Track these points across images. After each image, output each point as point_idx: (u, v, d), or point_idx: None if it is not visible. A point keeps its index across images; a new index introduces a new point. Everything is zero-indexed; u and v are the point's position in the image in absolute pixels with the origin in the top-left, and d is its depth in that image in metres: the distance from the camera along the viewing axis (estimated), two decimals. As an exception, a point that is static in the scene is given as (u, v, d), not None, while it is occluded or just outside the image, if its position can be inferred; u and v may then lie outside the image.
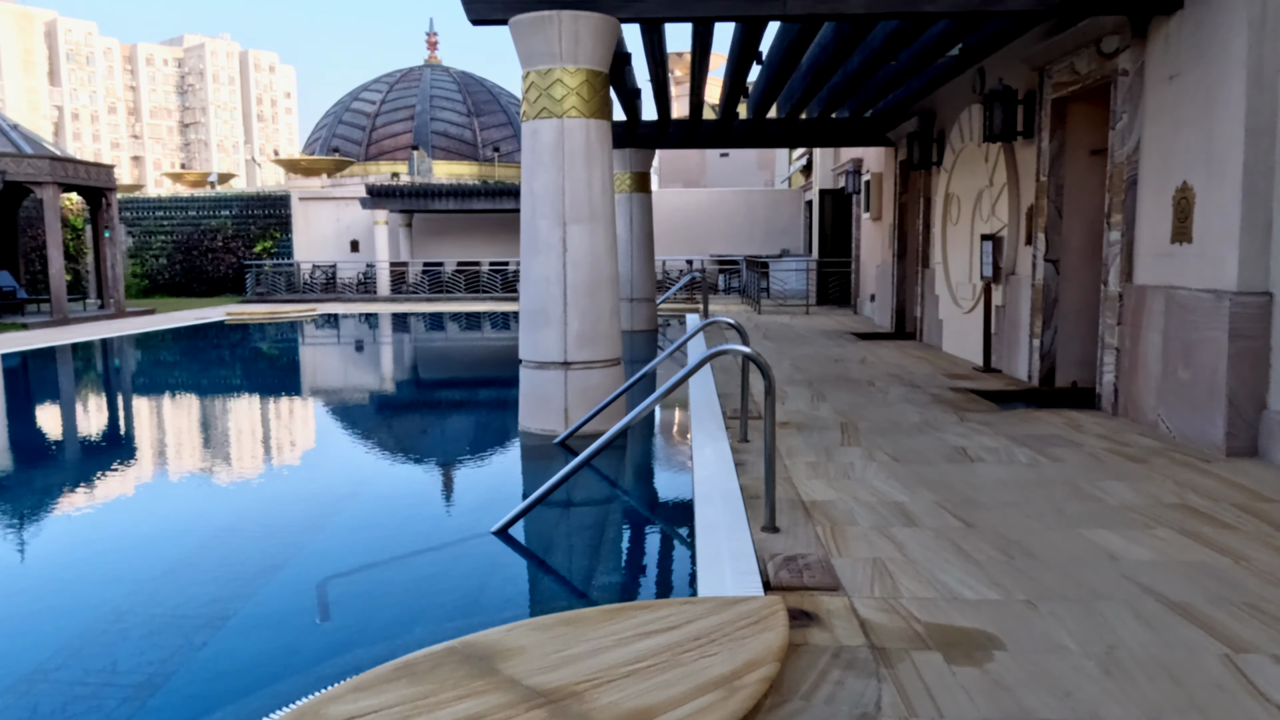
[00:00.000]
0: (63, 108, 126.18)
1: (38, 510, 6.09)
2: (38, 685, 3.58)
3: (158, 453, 7.86)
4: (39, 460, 7.75)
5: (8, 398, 11.36)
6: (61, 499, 6.37)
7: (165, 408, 10.38)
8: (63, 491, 6.58)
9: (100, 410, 10.37)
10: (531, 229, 7.18)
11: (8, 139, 19.19)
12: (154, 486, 6.66)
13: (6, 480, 6.99)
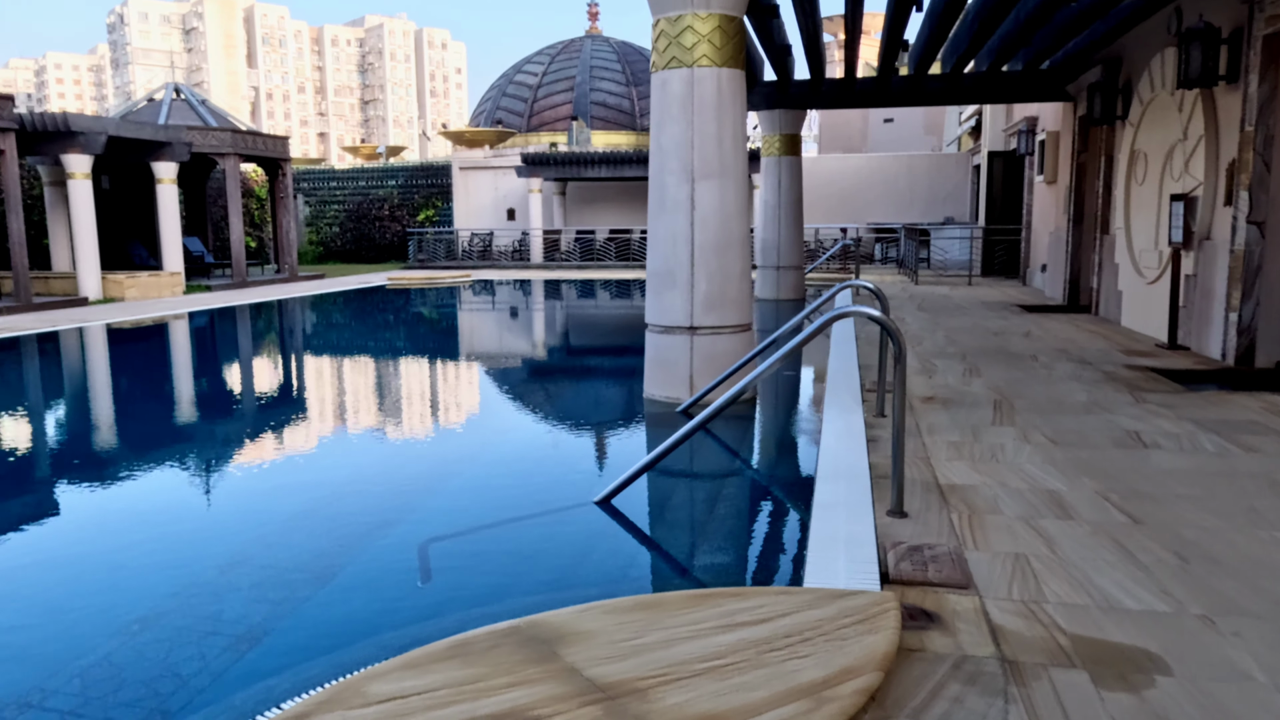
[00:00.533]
0: (259, 88, 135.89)
1: (182, 455, 6.33)
2: (148, 628, 3.59)
3: (303, 406, 8.09)
4: (196, 409, 8.15)
5: (188, 350, 12.16)
6: (203, 446, 6.61)
7: (319, 365, 10.76)
8: (206, 439, 6.84)
9: (261, 365, 10.88)
10: (659, 186, 6.84)
11: (196, 113, 20.57)
12: (292, 437, 6.81)
13: (166, 425, 7.35)
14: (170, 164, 18.46)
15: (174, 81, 21.43)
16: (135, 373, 10.64)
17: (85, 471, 6.04)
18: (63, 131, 16.08)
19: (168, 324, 14.17)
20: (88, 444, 6.95)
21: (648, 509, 4.59)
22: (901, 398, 4.08)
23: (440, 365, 10.63)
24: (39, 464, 6.33)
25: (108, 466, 6.18)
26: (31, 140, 16.33)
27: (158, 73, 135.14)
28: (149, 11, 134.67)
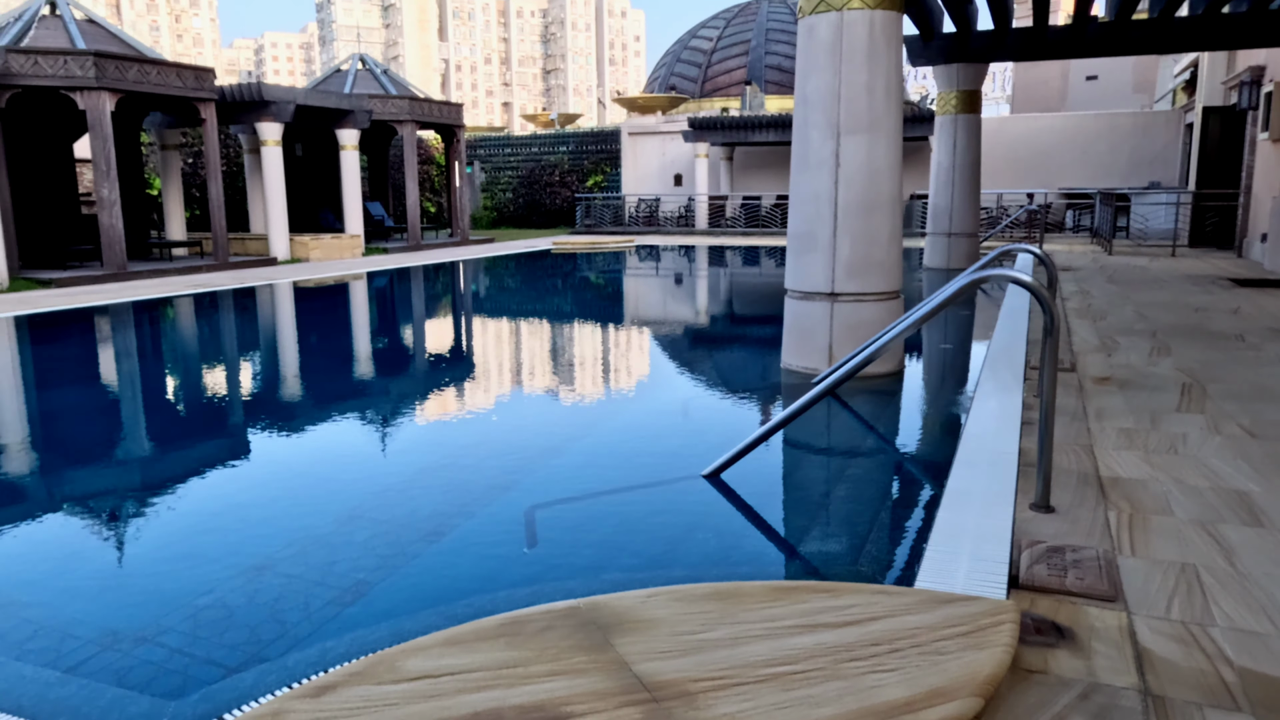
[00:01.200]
0: (449, 60, 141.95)
1: (328, 405, 6.55)
2: (262, 575, 3.65)
3: (451, 364, 8.24)
4: (353, 363, 8.46)
5: (357, 308, 12.77)
6: (349, 397, 6.81)
7: (473, 325, 10.99)
8: (353, 390, 7.05)
9: (420, 324, 11.24)
10: (802, 141, 6.38)
11: (378, 83, 21.51)
12: (433, 393, 6.91)
13: (313, 380, 7.65)
14: (352, 131, 19.41)
15: (359, 53, 22.48)
16: (307, 328, 11.23)
17: (249, 415, 6.34)
18: (257, 101, 17.19)
19: (345, 284, 14.94)
20: (250, 389, 7.33)
21: (758, 486, 4.26)
22: (1051, 375, 3.55)
23: (586, 329, 10.59)
24: (213, 409, 6.71)
25: (264, 413, 6.46)
26: (231, 110, 17.56)
27: (359, 48, 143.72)
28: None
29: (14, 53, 13.34)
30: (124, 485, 4.83)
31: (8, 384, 7.84)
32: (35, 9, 15.10)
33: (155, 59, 15.07)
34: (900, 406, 6.10)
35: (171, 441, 5.83)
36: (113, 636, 3.06)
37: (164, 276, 14.71)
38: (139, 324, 10.82)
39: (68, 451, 5.54)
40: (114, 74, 14.00)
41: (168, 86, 14.95)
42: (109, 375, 8.15)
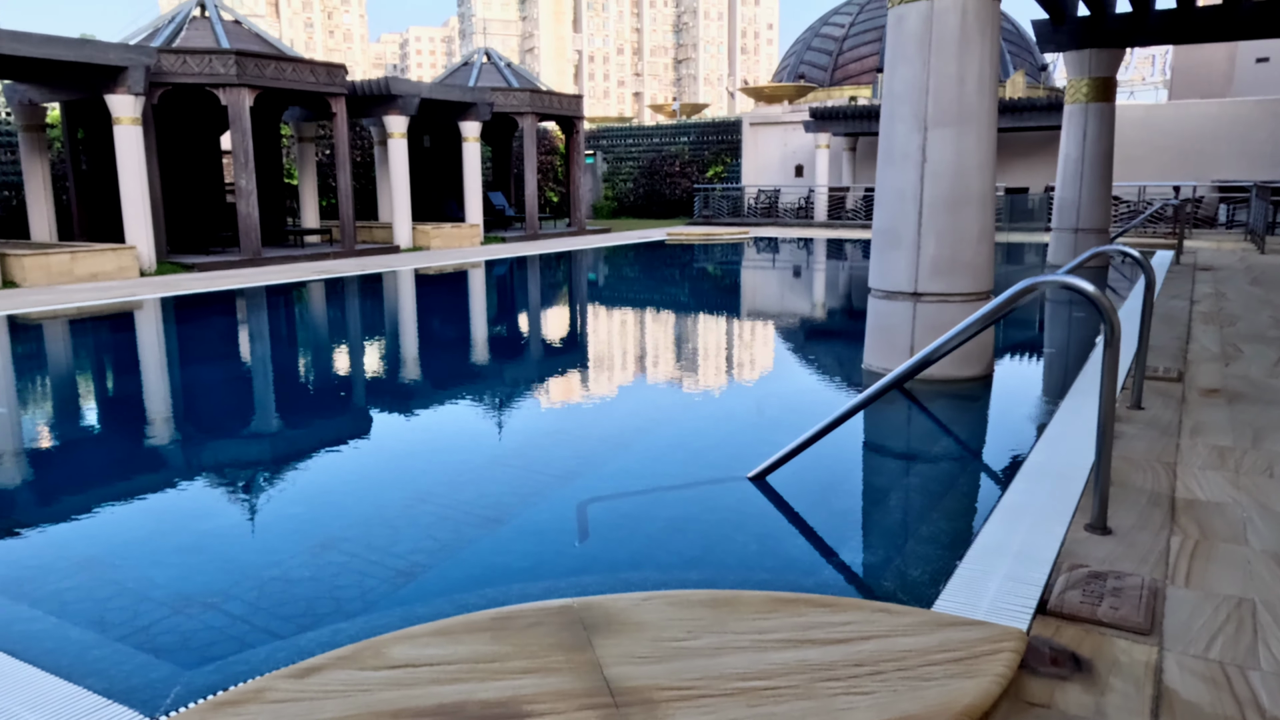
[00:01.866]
0: (582, 51, 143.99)
1: (411, 387, 6.81)
2: (326, 553, 3.85)
3: (542, 350, 8.41)
4: (450, 346, 8.76)
5: (469, 294, 13.20)
6: (434, 379, 7.06)
7: (572, 313, 11.17)
8: (440, 373, 7.30)
9: (522, 312, 11.51)
10: (887, 135, 6.17)
11: (501, 76, 22.05)
12: (515, 379, 7.07)
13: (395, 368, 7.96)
14: (474, 123, 19.98)
15: (485, 47, 23.10)
16: (416, 313, 11.68)
17: (351, 393, 6.67)
18: (384, 95, 17.92)
19: (458, 272, 15.44)
20: (357, 369, 7.70)
21: (803, 489, 4.17)
22: (1109, 387, 3.33)
23: (681, 321, 10.59)
24: (318, 386, 7.10)
25: (364, 392, 6.77)
26: (362, 104, 18.38)
27: (496, 40, 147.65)
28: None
29: (165, 52, 14.37)
30: (231, 455, 5.16)
31: (148, 359, 8.49)
32: (187, 11, 16.21)
33: (291, 56, 15.93)
34: (979, 412, 5.84)
35: (278, 415, 6.19)
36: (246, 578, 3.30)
37: (294, 263, 15.57)
38: (265, 307, 11.51)
39: (197, 421, 5.97)
40: (253, 71, 14.89)
41: (302, 82, 15.78)
42: (231, 353, 8.71)
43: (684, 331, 9.83)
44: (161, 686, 2.60)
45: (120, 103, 13.56)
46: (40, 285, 12.49)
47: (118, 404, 6.80)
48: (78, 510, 4.30)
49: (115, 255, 13.32)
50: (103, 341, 9.61)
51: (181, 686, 2.60)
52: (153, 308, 11.14)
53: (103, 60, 13.07)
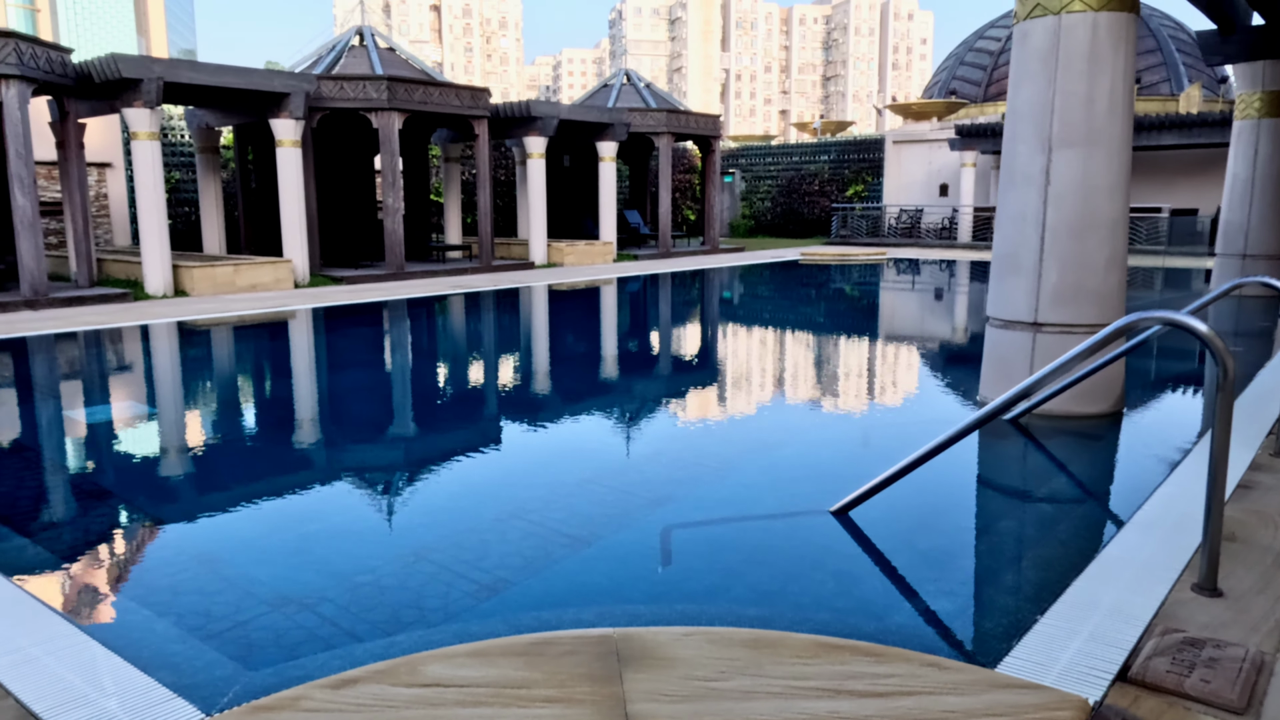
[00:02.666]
0: (729, 70, 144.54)
1: (524, 404, 6.98)
2: (419, 563, 3.99)
3: (656, 369, 8.45)
4: (569, 360, 8.93)
5: (596, 310, 13.44)
6: (538, 398, 7.20)
7: (692, 332, 11.17)
8: (552, 390, 7.45)
9: (641, 328, 11.61)
10: (1009, 156, 5.88)
11: (640, 96, 22.39)
12: (625, 396, 7.13)
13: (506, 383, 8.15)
14: (610, 143, 20.36)
15: (625, 68, 23.52)
16: (538, 327, 11.98)
17: (461, 402, 6.92)
18: (525, 117, 18.53)
19: (586, 288, 15.73)
20: (474, 380, 7.96)
21: (888, 526, 3.99)
22: (1222, 432, 3.04)
23: (801, 343, 10.40)
24: (437, 394, 7.39)
25: (473, 402, 7.00)
26: (505, 125, 19.07)
27: (645, 60, 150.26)
28: (642, 6, 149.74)
29: (324, 79, 15.36)
30: (346, 460, 5.44)
31: (288, 366, 9.08)
32: (346, 40, 17.29)
33: (439, 81, 16.71)
34: (1099, 452, 5.44)
35: (395, 423, 6.47)
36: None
37: (433, 277, 16.28)
38: (398, 319, 12.08)
39: (323, 425, 6.33)
40: (402, 96, 15.71)
41: (447, 105, 16.53)
42: (362, 362, 9.18)
43: (802, 355, 9.65)
44: (225, 684, 2.75)
45: (282, 126, 14.58)
46: (206, 294, 13.55)
47: (253, 406, 7.28)
48: (201, 504, 4.62)
49: (273, 268, 14.30)
50: (252, 348, 10.32)
51: (241, 686, 2.73)
52: (299, 317, 11.88)
53: (267, 87, 14.10)
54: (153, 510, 4.60)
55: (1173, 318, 3.03)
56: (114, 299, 12.57)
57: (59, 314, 11.36)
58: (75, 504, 4.75)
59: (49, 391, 7.73)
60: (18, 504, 4.61)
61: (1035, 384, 3.54)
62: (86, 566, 3.82)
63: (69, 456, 5.69)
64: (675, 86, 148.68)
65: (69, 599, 3.47)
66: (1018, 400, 3.63)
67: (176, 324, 10.98)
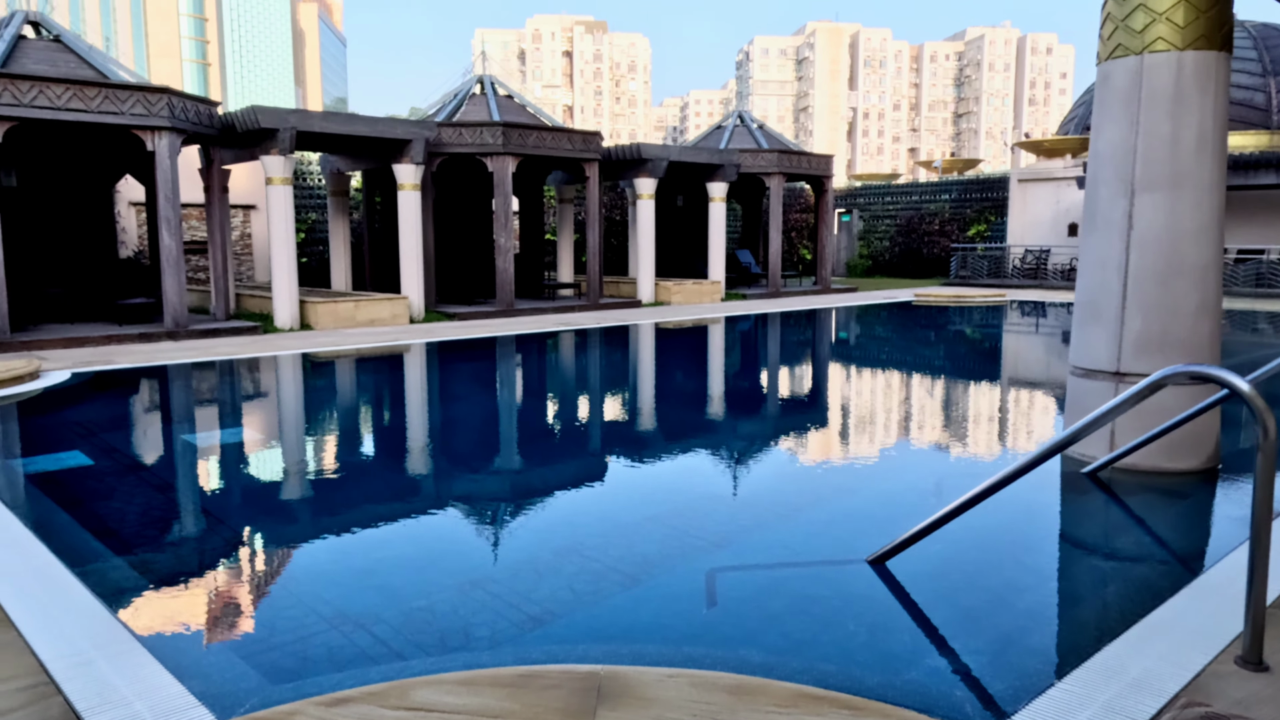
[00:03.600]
0: (856, 108, 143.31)
1: (600, 439, 7.12)
2: (474, 590, 4.16)
3: (751, 409, 8.46)
4: (654, 398, 9.05)
5: (696, 348, 13.55)
6: (626, 433, 7.33)
7: (792, 373, 11.10)
8: (636, 425, 7.57)
9: (739, 367, 11.62)
10: (1091, 200, 5.68)
11: (752, 137, 22.55)
12: (719, 436, 7.18)
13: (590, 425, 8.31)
14: (720, 184, 20.55)
15: (738, 110, 23.75)
16: (634, 364, 12.16)
17: (552, 437, 7.14)
18: (635, 159, 18.95)
19: (688, 327, 15.85)
20: (560, 414, 8.19)
21: (927, 578, 3.89)
22: (1265, 497, 2.87)
23: (894, 386, 10.18)
24: (527, 428, 7.66)
25: (557, 435, 7.20)
26: (616, 167, 19.56)
27: (772, 100, 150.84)
28: (769, 48, 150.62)
29: (444, 126, 16.19)
30: (421, 486, 5.71)
31: (392, 396, 9.56)
32: (468, 89, 18.19)
33: (552, 126, 17.33)
34: (1175, 511, 5.12)
35: (476, 452, 6.73)
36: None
37: (541, 315, 16.77)
38: (500, 355, 12.50)
39: (413, 452, 6.67)
40: (516, 141, 16.37)
41: (559, 150, 17.11)
42: (458, 395, 9.57)
43: (890, 398, 9.45)
44: (247, 695, 2.95)
45: (403, 171, 15.43)
46: (329, 328, 14.40)
47: (354, 433, 7.70)
48: (290, 523, 4.95)
49: (390, 304, 15.07)
50: (360, 379, 10.92)
51: (292, 690, 2.93)
52: (408, 351, 12.48)
53: (390, 135, 14.98)
54: (248, 530, 4.95)
55: (1207, 372, 2.88)
56: (245, 331, 13.52)
57: (196, 344, 12.31)
58: (164, 518, 5.16)
59: (168, 415, 8.41)
60: (106, 518, 5.05)
61: (1074, 434, 3.42)
62: (164, 579, 4.15)
63: (172, 475, 6.17)
64: (801, 125, 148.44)
65: (136, 608, 3.78)
66: (1055, 452, 3.51)
67: (296, 355, 11.72)
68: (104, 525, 4.89)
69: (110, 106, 12.03)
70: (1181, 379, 2.96)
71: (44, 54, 12.71)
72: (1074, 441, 3.43)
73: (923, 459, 6.62)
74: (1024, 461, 3.58)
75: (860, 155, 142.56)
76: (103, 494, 5.47)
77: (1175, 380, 2.99)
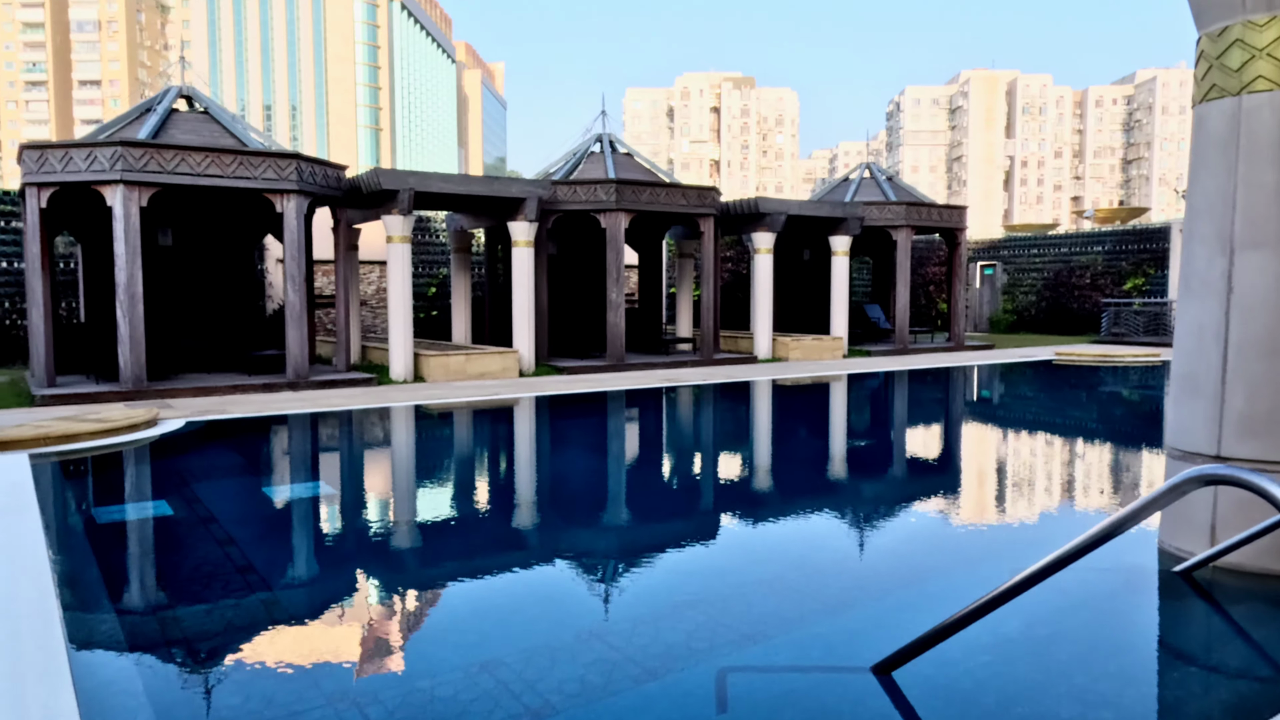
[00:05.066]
0: (1014, 157, 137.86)
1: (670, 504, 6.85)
2: (481, 674, 3.92)
3: (847, 476, 8.00)
4: (742, 459, 8.70)
5: (808, 408, 13.06)
6: (709, 495, 7.02)
7: (899, 439, 10.47)
8: (717, 489, 7.25)
9: (847, 431, 11.07)
10: (1186, 259, 5.02)
11: (880, 189, 21.90)
12: (797, 505, 6.79)
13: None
14: (843, 238, 19.99)
15: (866, 162, 23.16)
16: (726, 424, 11.79)
17: (618, 499, 6.95)
18: (753, 214, 18.71)
19: (804, 385, 15.32)
20: (636, 476, 7.97)
21: (938, 695, 3.39)
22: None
23: (1004, 458, 9.38)
24: (591, 488, 7.50)
25: (623, 499, 6.99)
26: (735, 222, 19.38)
27: (923, 151, 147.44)
28: (921, 97, 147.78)
29: (560, 184, 16.52)
30: (445, 548, 5.61)
31: (488, 449, 9.62)
32: (587, 148, 18.55)
33: (666, 183, 17.38)
34: (1271, 621, 4.33)
35: (533, 513, 6.60)
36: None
37: (650, 369, 16.64)
38: (601, 411, 12.42)
39: (485, 505, 6.63)
40: (629, 197, 16.48)
41: (673, 205, 17.11)
42: (548, 450, 9.51)
43: (985, 467, 8.70)
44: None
45: (518, 228, 15.80)
46: (440, 380, 14.77)
47: (446, 483, 7.74)
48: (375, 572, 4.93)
49: (500, 358, 15.34)
50: (458, 431, 11.09)
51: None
52: (511, 405, 12.61)
53: (505, 193, 15.39)
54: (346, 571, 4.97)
55: (1228, 475, 2.36)
56: (360, 383, 14.04)
57: (311, 395, 12.86)
58: (213, 572, 5.25)
59: (255, 465, 8.73)
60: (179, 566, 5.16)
61: (1116, 525, 2.90)
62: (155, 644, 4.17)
63: (254, 521, 6.33)
64: (954, 175, 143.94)
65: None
66: (1082, 553, 2.99)
67: (399, 408, 12.04)
68: (173, 576, 5.01)
69: (244, 172, 12.91)
70: (1193, 485, 2.44)
71: (191, 124, 13.83)
72: (1105, 539, 2.91)
73: (982, 532, 5.96)
74: (1045, 562, 3.08)
75: (1018, 205, 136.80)
76: (179, 544, 5.64)
77: (1188, 487, 2.48)
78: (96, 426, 9.15)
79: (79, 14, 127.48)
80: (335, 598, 4.92)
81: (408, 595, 4.99)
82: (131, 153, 12.16)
